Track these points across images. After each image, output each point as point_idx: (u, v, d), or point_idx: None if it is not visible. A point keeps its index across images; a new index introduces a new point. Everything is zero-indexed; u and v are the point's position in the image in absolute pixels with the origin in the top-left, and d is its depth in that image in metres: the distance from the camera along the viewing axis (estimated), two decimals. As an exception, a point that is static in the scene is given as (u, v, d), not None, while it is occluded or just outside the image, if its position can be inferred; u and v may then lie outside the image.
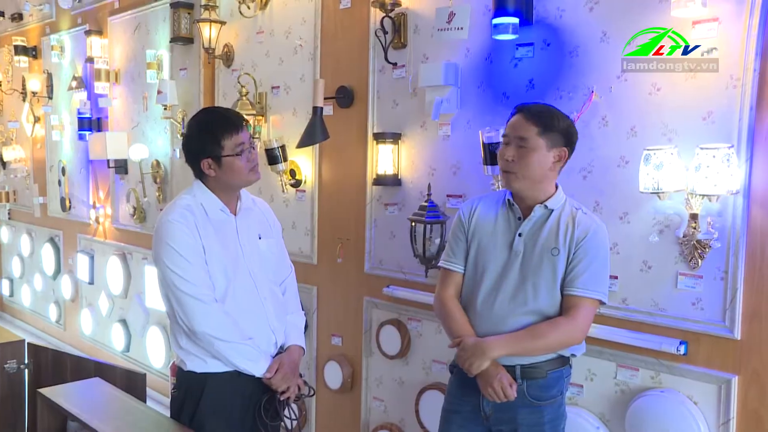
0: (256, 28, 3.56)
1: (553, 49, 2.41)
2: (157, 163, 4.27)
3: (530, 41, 2.46)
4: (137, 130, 4.44)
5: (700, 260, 2.08)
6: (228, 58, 3.73)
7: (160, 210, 4.01)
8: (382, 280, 3.02)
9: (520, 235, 2.00)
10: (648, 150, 2.07)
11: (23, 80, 5.64)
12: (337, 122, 3.13)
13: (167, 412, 2.25)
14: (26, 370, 2.77)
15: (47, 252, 5.68)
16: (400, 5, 2.84)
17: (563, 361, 2.02)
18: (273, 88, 3.48)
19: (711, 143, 1.99)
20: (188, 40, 3.93)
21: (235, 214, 2.17)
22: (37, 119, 5.71)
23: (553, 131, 1.95)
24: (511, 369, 1.97)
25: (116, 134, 4.46)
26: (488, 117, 2.58)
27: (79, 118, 4.89)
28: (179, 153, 3.94)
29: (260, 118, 3.49)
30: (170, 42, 4.01)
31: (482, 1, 2.57)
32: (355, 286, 3.17)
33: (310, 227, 3.33)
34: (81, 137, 4.92)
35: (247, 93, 3.44)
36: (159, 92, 3.97)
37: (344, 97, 3.13)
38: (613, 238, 2.17)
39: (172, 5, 3.93)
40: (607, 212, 2.27)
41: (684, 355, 2.13)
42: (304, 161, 3.33)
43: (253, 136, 3.36)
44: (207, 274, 2.05)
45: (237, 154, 2.07)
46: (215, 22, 3.62)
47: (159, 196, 4.28)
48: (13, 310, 6.52)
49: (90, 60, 4.75)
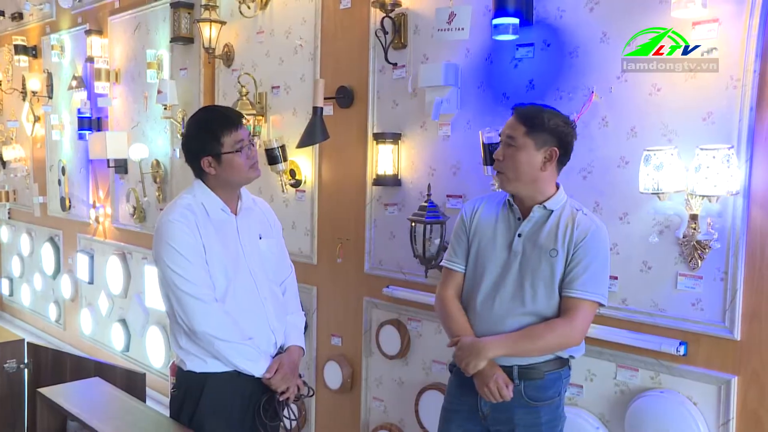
0: (256, 28, 3.56)
1: (553, 49, 2.41)
2: (157, 163, 4.27)
3: (530, 42, 2.46)
4: (137, 130, 4.44)
5: (699, 261, 2.08)
6: (228, 58, 3.73)
7: (160, 210, 4.01)
8: (382, 281, 3.02)
9: (519, 235, 2.00)
10: (648, 150, 2.07)
11: (23, 80, 5.65)
12: (337, 122, 3.13)
13: (167, 412, 2.25)
14: (26, 370, 2.77)
15: (47, 251, 5.68)
16: (400, 5, 2.84)
17: (562, 363, 2.02)
18: (273, 88, 3.48)
19: (711, 144, 1.99)
20: (188, 40, 3.93)
21: (236, 214, 2.17)
22: (37, 119, 5.71)
23: (541, 130, 1.94)
24: (509, 369, 1.97)
25: (116, 134, 4.46)
26: (488, 117, 2.58)
27: (79, 117, 4.89)
28: (179, 153, 3.94)
29: (260, 118, 3.49)
30: (170, 42, 4.01)
31: (482, 2, 2.57)
32: (354, 286, 3.17)
33: (309, 227, 3.33)
34: (81, 137, 4.92)
35: (247, 93, 3.44)
36: (159, 92, 3.97)
37: (344, 97, 3.13)
38: (613, 238, 2.17)
39: (173, 5, 3.93)
40: (607, 213, 2.27)
41: (684, 355, 2.13)
42: (304, 161, 3.33)
43: (252, 135, 3.36)
44: (207, 274, 2.05)
45: (237, 151, 2.07)
46: (215, 21, 3.62)
47: (159, 195, 4.27)
48: (13, 310, 6.52)
49: (90, 59, 4.75)
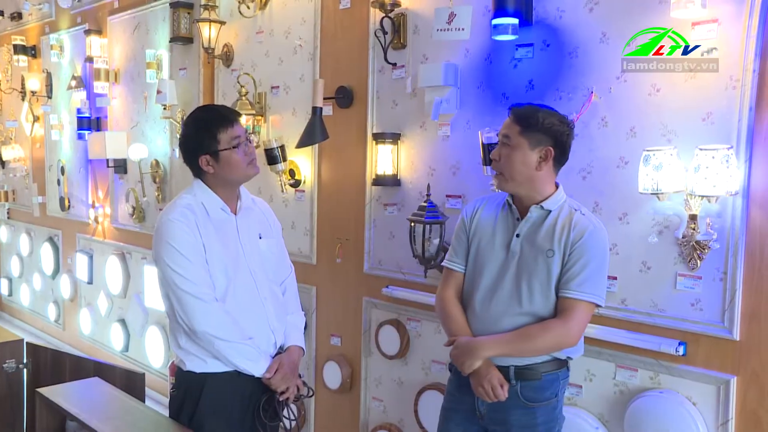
0: (256, 28, 3.56)
1: (553, 49, 2.41)
2: (157, 163, 4.27)
3: (530, 42, 2.46)
4: (136, 130, 4.44)
5: (699, 261, 2.08)
6: (227, 58, 3.72)
7: (160, 210, 4.02)
8: (382, 281, 3.02)
9: (517, 235, 2.00)
10: (647, 151, 2.07)
11: (22, 79, 5.65)
12: (337, 122, 3.13)
13: (166, 412, 2.25)
14: (25, 370, 2.77)
15: (46, 251, 5.67)
16: (400, 5, 2.84)
17: (559, 364, 2.02)
18: (272, 88, 3.48)
19: (710, 144, 1.99)
20: (188, 40, 3.92)
21: (236, 214, 2.17)
22: (36, 118, 5.70)
23: (535, 130, 1.93)
24: (505, 369, 1.97)
25: (115, 134, 4.46)
26: (488, 117, 2.58)
27: (78, 117, 4.89)
28: (178, 153, 3.94)
29: (260, 118, 3.49)
30: (170, 42, 4.01)
31: (482, 2, 2.57)
32: (354, 286, 3.17)
33: (309, 227, 3.33)
34: (80, 137, 4.92)
35: (247, 93, 3.44)
36: (158, 92, 3.97)
37: (344, 98, 3.13)
38: (612, 238, 2.17)
39: (172, 5, 3.93)
40: (607, 213, 2.27)
41: (683, 355, 2.13)
42: (304, 161, 3.33)
43: (249, 133, 3.35)
44: (207, 273, 2.05)
45: (234, 147, 2.07)
46: (215, 21, 3.62)
47: (158, 195, 4.27)
48: (12, 310, 6.52)
49: (89, 59, 4.74)
